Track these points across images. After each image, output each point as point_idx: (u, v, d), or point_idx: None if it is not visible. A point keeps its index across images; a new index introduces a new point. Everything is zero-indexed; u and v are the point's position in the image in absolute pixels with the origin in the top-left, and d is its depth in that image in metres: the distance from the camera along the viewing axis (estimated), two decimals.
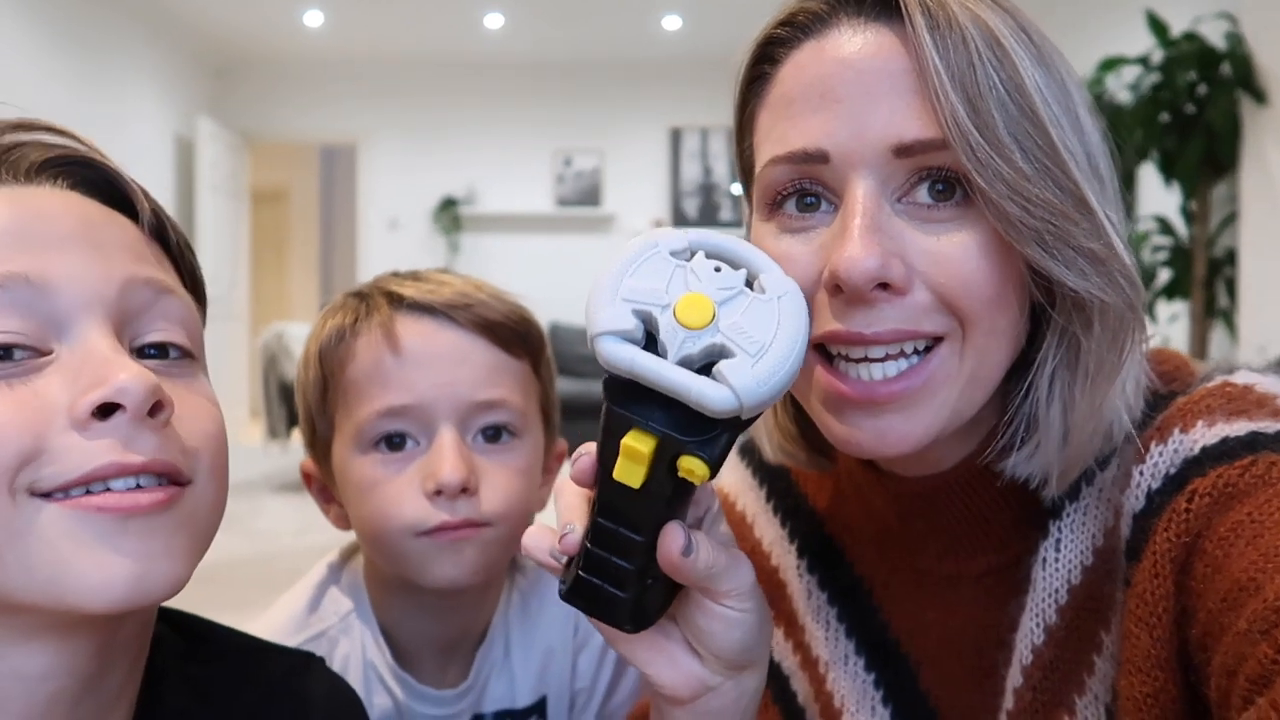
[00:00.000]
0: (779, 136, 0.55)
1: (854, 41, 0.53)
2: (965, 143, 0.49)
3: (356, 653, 0.81)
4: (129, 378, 0.46)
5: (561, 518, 0.50)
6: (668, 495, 0.44)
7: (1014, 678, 0.58)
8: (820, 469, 0.68)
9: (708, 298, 0.43)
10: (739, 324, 0.43)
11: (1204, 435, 0.53)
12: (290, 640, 0.78)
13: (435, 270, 0.83)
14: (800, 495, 0.72)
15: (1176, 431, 0.54)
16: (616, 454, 0.43)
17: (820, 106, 0.53)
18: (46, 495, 0.45)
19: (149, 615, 0.55)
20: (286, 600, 0.84)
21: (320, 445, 0.81)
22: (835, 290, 0.52)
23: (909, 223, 0.52)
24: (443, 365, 0.75)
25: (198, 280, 0.59)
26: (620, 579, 0.48)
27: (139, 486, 0.46)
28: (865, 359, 0.52)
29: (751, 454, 0.77)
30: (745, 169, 0.61)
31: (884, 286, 0.51)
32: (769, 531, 0.73)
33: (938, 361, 0.52)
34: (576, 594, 0.50)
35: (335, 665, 0.80)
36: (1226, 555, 0.48)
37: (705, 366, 0.42)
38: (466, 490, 0.74)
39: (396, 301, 0.78)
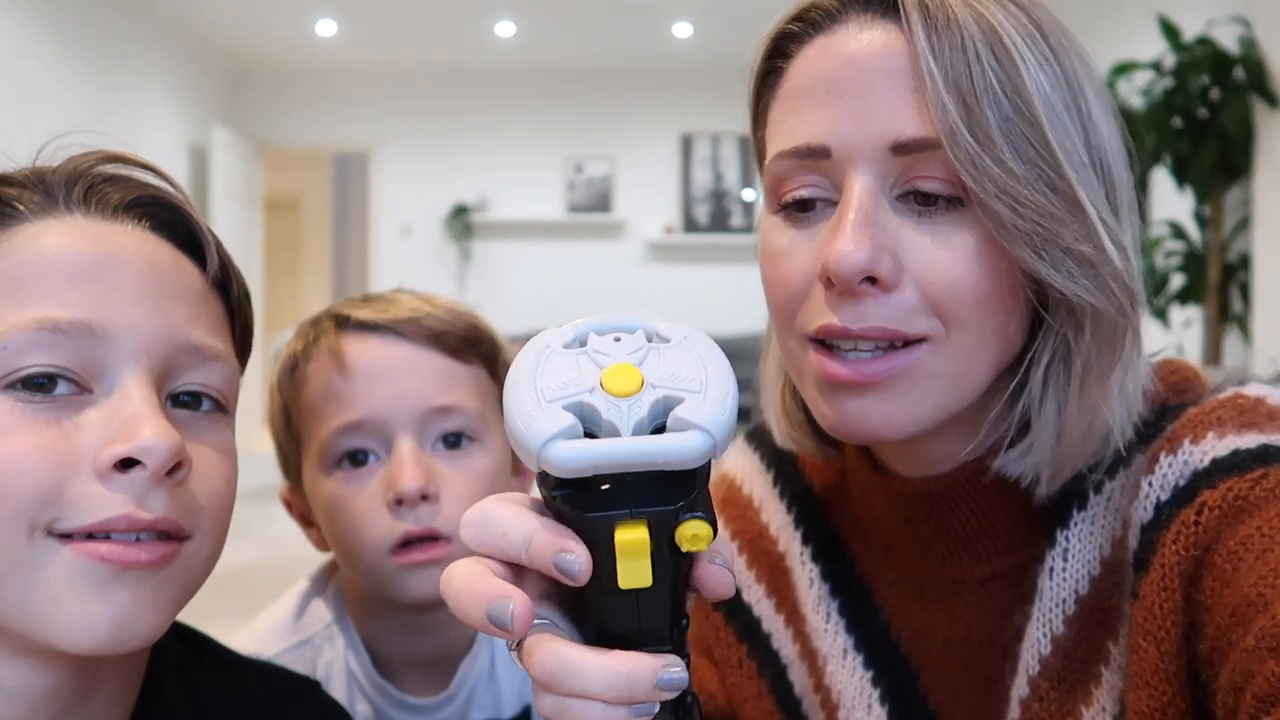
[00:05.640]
0: (786, 130, 0.56)
1: (860, 38, 0.54)
2: (955, 143, 0.50)
3: (339, 661, 0.82)
4: (153, 436, 0.47)
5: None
6: (674, 580, 0.41)
7: (1020, 688, 0.57)
8: (827, 458, 0.68)
9: (628, 363, 0.41)
10: (668, 372, 0.40)
11: (1214, 447, 0.52)
12: (276, 645, 0.80)
13: (390, 291, 0.84)
14: (807, 484, 0.72)
15: (1186, 443, 0.53)
16: (612, 565, 0.38)
17: (824, 102, 0.54)
18: (61, 537, 0.46)
19: None
20: (273, 609, 0.85)
21: (293, 471, 0.83)
22: (829, 283, 0.52)
23: (905, 219, 0.53)
24: (392, 377, 0.76)
25: (249, 331, 0.60)
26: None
27: (138, 539, 0.47)
28: (855, 349, 0.53)
29: (759, 439, 0.76)
30: (760, 160, 0.62)
31: (873, 281, 0.51)
32: (776, 516, 0.72)
33: (920, 354, 0.53)
34: None
35: (319, 672, 0.81)
36: (1235, 569, 0.48)
37: (658, 428, 0.40)
38: (427, 498, 0.74)
39: (343, 323, 0.79)
